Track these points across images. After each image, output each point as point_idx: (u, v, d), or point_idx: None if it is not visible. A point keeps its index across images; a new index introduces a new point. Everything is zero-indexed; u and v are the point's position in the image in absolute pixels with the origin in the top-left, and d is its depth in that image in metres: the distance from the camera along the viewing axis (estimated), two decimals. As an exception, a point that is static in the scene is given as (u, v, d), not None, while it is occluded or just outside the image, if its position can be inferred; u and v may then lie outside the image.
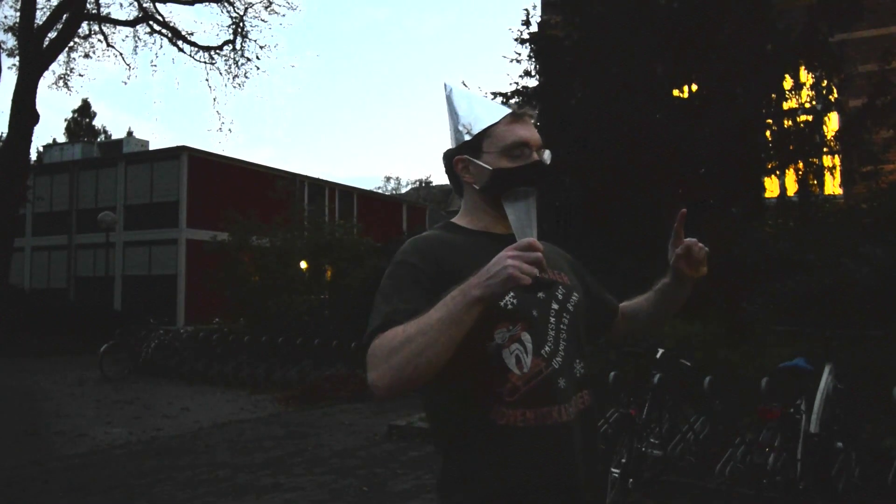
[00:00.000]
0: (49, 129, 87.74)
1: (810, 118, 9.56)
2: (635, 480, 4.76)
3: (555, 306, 1.49)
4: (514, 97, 10.78)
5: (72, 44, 20.62)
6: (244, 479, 5.93)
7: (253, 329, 13.48)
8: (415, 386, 1.30)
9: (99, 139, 40.62)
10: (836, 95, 9.61)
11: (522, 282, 1.23)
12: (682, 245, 1.59)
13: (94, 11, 20.55)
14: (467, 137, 1.52)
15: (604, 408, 6.15)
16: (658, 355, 5.28)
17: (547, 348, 1.44)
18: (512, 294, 1.40)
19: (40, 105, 20.86)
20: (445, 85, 1.61)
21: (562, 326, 1.48)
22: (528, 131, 1.51)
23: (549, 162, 1.52)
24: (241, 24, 21.14)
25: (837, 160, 9.71)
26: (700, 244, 1.60)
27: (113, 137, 41.86)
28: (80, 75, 39.25)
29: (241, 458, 6.66)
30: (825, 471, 4.49)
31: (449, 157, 1.57)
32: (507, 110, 1.53)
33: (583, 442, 1.46)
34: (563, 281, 1.55)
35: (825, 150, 9.60)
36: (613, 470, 4.62)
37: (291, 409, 9.48)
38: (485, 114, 1.53)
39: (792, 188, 9.76)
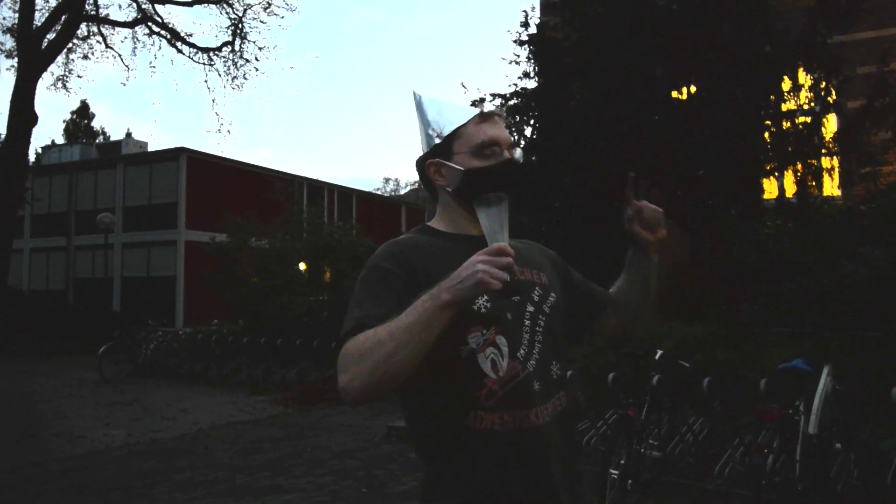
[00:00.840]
0: (48, 131, 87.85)
1: (809, 119, 9.56)
2: (634, 481, 4.75)
3: (530, 308, 1.49)
4: (512, 99, 10.79)
5: (70, 45, 20.63)
6: (243, 480, 5.93)
7: (252, 330, 13.48)
8: (385, 390, 1.30)
9: (97, 140, 40.60)
10: (834, 97, 9.61)
11: (492, 286, 1.23)
12: (632, 207, 1.58)
13: (92, 13, 20.55)
14: (437, 141, 1.52)
15: (603, 409, 6.16)
16: (657, 356, 5.28)
17: (522, 351, 1.43)
18: (485, 297, 1.39)
19: (39, 106, 20.88)
20: (414, 93, 1.62)
21: (537, 328, 1.48)
22: (498, 130, 1.51)
23: (521, 161, 1.52)
24: (239, 26, 21.17)
25: (836, 161, 9.71)
26: (652, 205, 1.58)
27: (112, 139, 41.88)
28: (78, 76, 39.43)
29: (239, 460, 6.65)
30: (824, 472, 4.49)
31: (421, 163, 1.57)
32: (475, 110, 1.53)
33: (561, 443, 1.46)
34: (541, 281, 1.54)
35: (824, 151, 9.60)
36: (612, 471, 4.62)
37: (290, 411, 9.47)
38: (454, 116, 1.53)
39: (790, 189, 9.76)
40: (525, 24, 10.90)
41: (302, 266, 15.31)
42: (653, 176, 9.19)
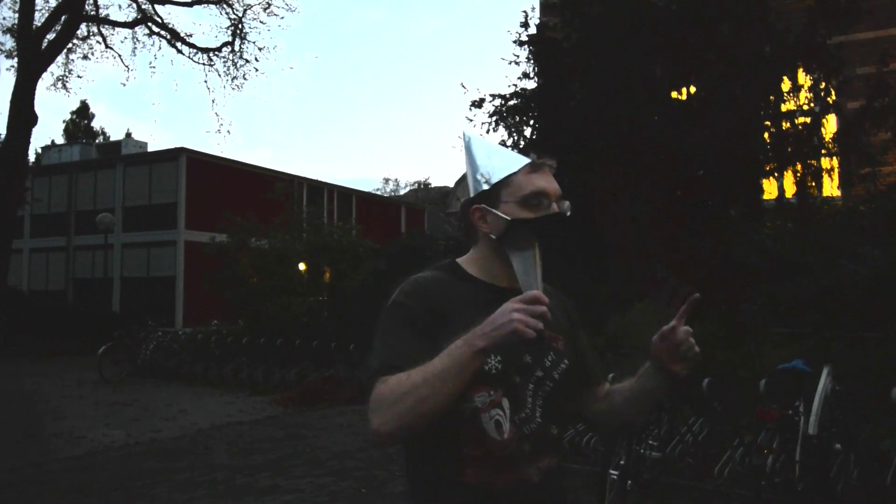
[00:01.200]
0: (47, 131, 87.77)
1: (808, 120, 9.57)
2: (634, 482, 4.75)
3: (538, 373, 1.49)
4: (512, 99, 10.79)
5: (70, 45, 20.63)
6: (243, 480, 5.93)
7: (251, 331, 13.48)
8: (415, 432, 1.35)
9: (97, 141, 40.61)
10: (834, 97, 9.62)
11: (527, 335, 1.24)
12: (670, 326, 1.47)
13: (92, 13, 20.55)
14: (485, 187, 1.50)
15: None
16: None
17: (522, 414, 1.44)
18: (498, 358, 1.41)
19: (39, 106, 20.87)
20: (464, 134, 1.62)
21: (540, 393, 1.48)
22: (548, 182, 1.50)
23: (568, 213, 1.51)
24: (239, 26, 21.17)
25: (835, 162, 9.72)
26: (691, 340, 1.46)
27: (111, 139, 41.89)
28: (78, 77, 39.44)
29: (239, 460, 6.65)
30: (824, 472, 4.49)
31: (466, 206, 1.56)
32: (527, 160, 1.52)
33: (550, 502, 1.48)
34: (557, 346, 1.54)
35: (823, 151, 9.60)
36: (612, 471, 4.62)
37: (290, 411, 9.47)
38: (504, 163, 1.52)
39: (790, 190, 9.77)
40: (525, 25, 10.91)
41: (301, 266, 15.32)
42: (653, 176, 9.25)
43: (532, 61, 10.80)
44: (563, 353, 1.55)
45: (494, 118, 10.80)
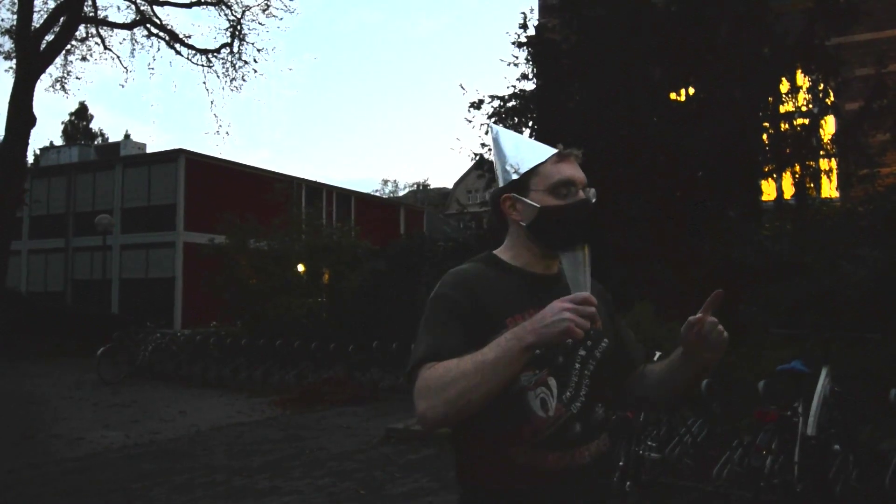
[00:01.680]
0: (46, 132, 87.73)
1: (807, 121, 9.59)
2: (633, 483, 4.76)
3: (582, 352, 1.54)
4: (511, 100, 10.80)
5: (69, 46, 20.60)
6: (241, 482, 5.92)
7: (251, 332, 13.47)
8: (461, 419, 1.37)
9: (96, 142, 40.65)
10: (832, 99, 9.64)
11: (577, 335, 1.28)
12: (697, 317, 1.49)
13: (91, 14, 20.54)
14: (515, 177, 1.57)
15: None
16: (655, 358, 5.28)
17: (568, 394, 1.49)
18: None
19: (37, 108, 20.85)
20: (492, 128, 1.70)
21: (586, 372, 1.53)
22: (575, 170, 1.56)
23: (594, 200, 1.56)
24: (238, 28, 21.16)
25: (834, 163, 9.74)
26: (720, 328, 1.47)
27: (110, 140, 41.92)
28: (77, 78, 39.37)
29: (238, 462, 6.65)
30: (822, 473, 4.50)
31: (496, 196, 1.62)
32: (554, 150, 1.58)
33: (597, 485, 1.52)
34: (596, 326, 1.54)
35: (822, 153, 9.62)
36: (611, 473, 4.62)
37: (289, 413, 9.46)
38: (532, 154, 1.59)
39: (789, 191, 9.79)
40: (524, 26, 10.93)
41: (300, 267, 15.32)
42: (652, 177, 9.25)
43: (531, 63, 10.81)
44: (602, 333, 1.58)
45: (493, 119, 10.81)
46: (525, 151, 1.60)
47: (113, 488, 5.81)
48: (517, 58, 11.01)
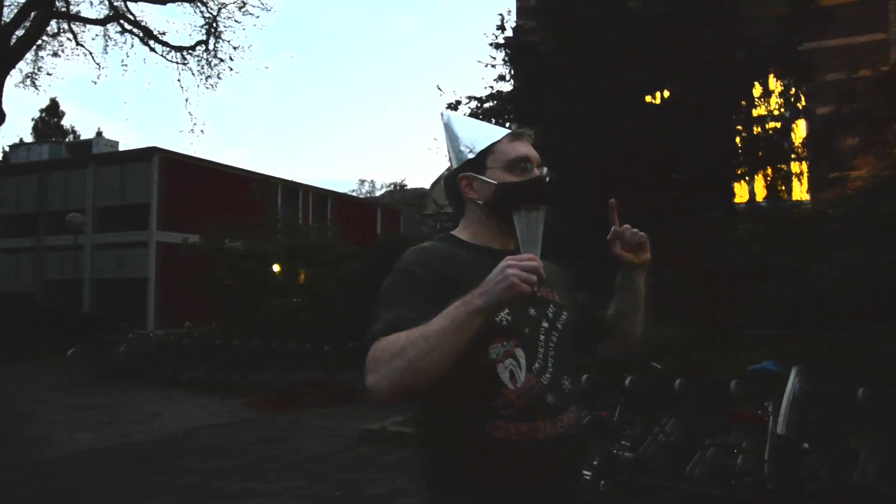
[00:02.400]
0: (16, 129, 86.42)
1: (779, 125, 9.73)
2: (607, 482, 4.79)
3: (545, 324, 1.54)
4: (489, 101, 10.82)
5: (40, 42, 20.26)
6: (216, 485, 5.87)
7: (226, 333, 13.36)
8: (413, 391, 1.34)
9: (67, 139, 39.93)
10: (804, 103, 9.79)
11: (522, 290, 1.28)
12: (613, 232, 1.62)
13: (63, 9, 20.21)
14: (471, 156, 1.59)
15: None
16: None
17: (537, 365, 1.49)
18: (507, 310, 1.45)
19: (7, 104, 20.46)
20: (443, 114, 1.70)
21: (550, 344, 1.53)
22: (529, 149, 1.58)
23: (548, 179, 1.58)
24: (214, 25, 20.94)
25: (805, 166, 9.89)
26: (635, 229, 1.62)
27: (82, 138, 41.24)
28: (48, 74, 38.76)
29: (212, 464, 6.59)
30: (793, 471, 4.56)
31: (452, 176, 1.63)
32: (507, 131, 1.61)
33: (571, 455, 1.53)
34: (554, 299, 1.60)
35: (793, 156, 9.77)
36: (585, 472, 4.65)
37: (265, 414, 9.40)
38: (486, 133, 1.62)
39: (761, 194, 9.92)
40: (501, 28, 10.95)
41: (277, 268, 15.23)
42: (628, 179, 9.32)
43: (509, 64, 10.84)
44: (561, 305, 1.60)
45: (472, 120, 10.82)
46: (479, 132, 1.63)
47: (84, 492, 5.74)
48: (495, 59, 11.04)
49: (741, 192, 10.31)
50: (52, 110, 45.50)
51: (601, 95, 9.23)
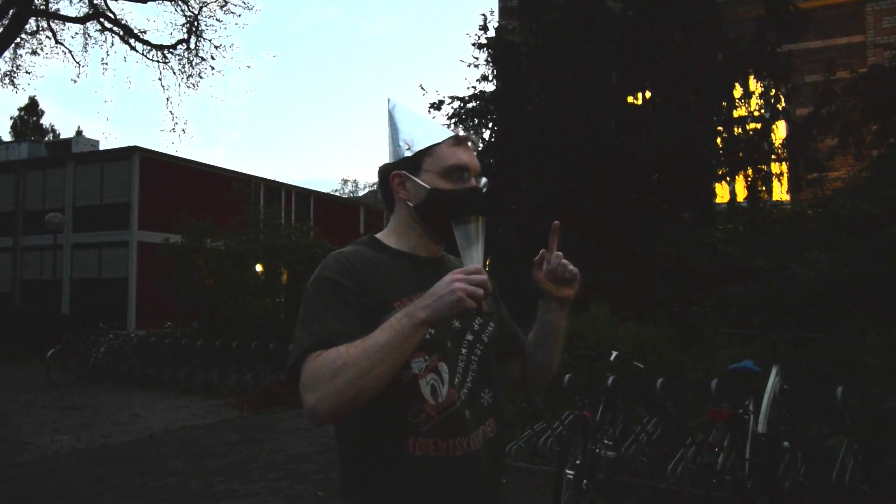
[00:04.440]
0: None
1: (759, 126, 9.82)
2: (589, 481, 4.81)
3: (469, 337, 1.50)
4: (471, 101, 10.84)
5: (18, 40, 20.02)
6: (196, 486, 5.83)
7: (206, 333, 13.25)
8: (354, 409, 1.29)
9: (47, 138, 39.49)
10: (783, 104, 9.89)
11: (468, 305, 1.24)
12: (540, 254, 1.52)
13: (42, 7, 19.98)
14: (408, 153, 1.51)
15: (558, 410, 6.23)
16: (611, 358, 5.36)
17: (456, 380, 1.45)
18: None
19: (-15, 103, 20.14)
20: (389, 100, 1.62)
21: (473, 357, 1.50)
22: (469, 157, 1.51)
23: (485, 190, 1.52)
24: (195, 24, 20.80)
25: (785, 167, 9.99)
26: (566, 262, 1.50)
27: (61, 137, 40.80)
28: (27, 72, 38.29)
29: (193, 465, 6.54)
30: (772, 470, 4.61)
31: (386, 171, 1.55)
32: (451, 133, 1.53)
33: (490, 471, 1.49)
34: (482, 310, 1.56)
35: (773, 157, 9.87)
36: (568, 471, 4.67)
37: (246, 415, 9.35)
38: (428, 133, 1.52)
39: (741, 194, 10.02)
40: (484, 28, 10.98)
41: (258, 268, 15.14)
42: (608, 179, 9.37)
43: (491, 64, 10.87)
44: (489, 315, 1.56)
45: (453, 120, 10.83)
46: (421, 130, 1.53)
47: (62, 494, 5.67)
48: (477, 59, 11.07)
49: (722, 193, 10.40)
50: (31, 109, 44.98)
51: (581, 96, 9.27)
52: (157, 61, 21.15)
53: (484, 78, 10.99)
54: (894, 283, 6.15)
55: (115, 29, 20.71)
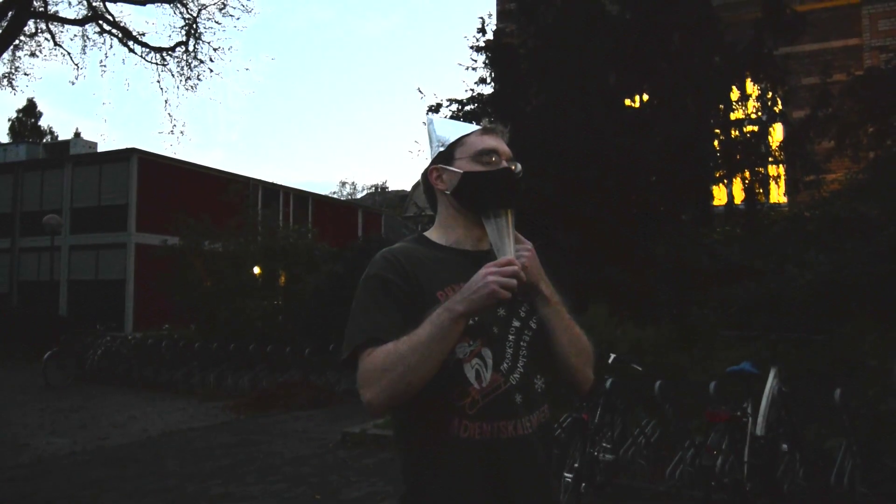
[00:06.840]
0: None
1: (756, 129, 9.83)
2: (588, 484, 4.81)
3: (516, 324, 1.55)
4: (469, 104, 10.83)
5: (17, 42, 20.01)
6: (194, 488, 5.82)
7: (204, 335, 13.24)
8: (405, 401, 1.40)
9: (45, 140, 39.43)
10: (780, 107, 9.90)
11: (502, 296, 1.32)
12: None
13: (40, 9, 19.97)
14: (442, 149, 1.61)
15: (556, 413, 6.21)
16: (610, 360, 5.36)
17: (505, 365, 1.49)
18: None
19: (-18, 104, 20.13)
20: (428, 116, 1.80)
21: (521, 343, 1.54)
22: (498, 142, 1.59)
23: (520, 174, 1.58)
24: (194, 26, 20.79)
25: (782, 169, 10.00)
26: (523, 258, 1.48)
27: (59, 138, 40.72)
28: (25, 74, 38.15)
29: (190, 467, 6.53)
30: (771, 472, 4.61)
31: (426, 172, 1.65)
32: (480, 126, 1.63)
33: (540, 455, 1.53)
34: (521, 284, 1.58)
35: (770, 159, 9.87)
36: (566, 474, 4.66)
37: (243, 417, 9.34)
38: (458, 128, 1.65)
39: (739, 196, 10.02)
40: (482, 31, 10.96)
41: (256, 270, 15.13)
42: (607, 181, 9.37)
43: (489, 67, 10.86)
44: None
45: (453, 122, 10.82)
46: (453, 127, 1.65)
47: (59, 496, 5.66)
48: (475, 62, 11.05)
49: (720, 195, 10.40)
50: (30, 111, 44.90)
51: (580, 98, 9.27)
52: (156, 63, 21.16)
53: (482, 81, 10.98)
54: (894, 284, 6.15)
55: (114, 31, 20.72)
